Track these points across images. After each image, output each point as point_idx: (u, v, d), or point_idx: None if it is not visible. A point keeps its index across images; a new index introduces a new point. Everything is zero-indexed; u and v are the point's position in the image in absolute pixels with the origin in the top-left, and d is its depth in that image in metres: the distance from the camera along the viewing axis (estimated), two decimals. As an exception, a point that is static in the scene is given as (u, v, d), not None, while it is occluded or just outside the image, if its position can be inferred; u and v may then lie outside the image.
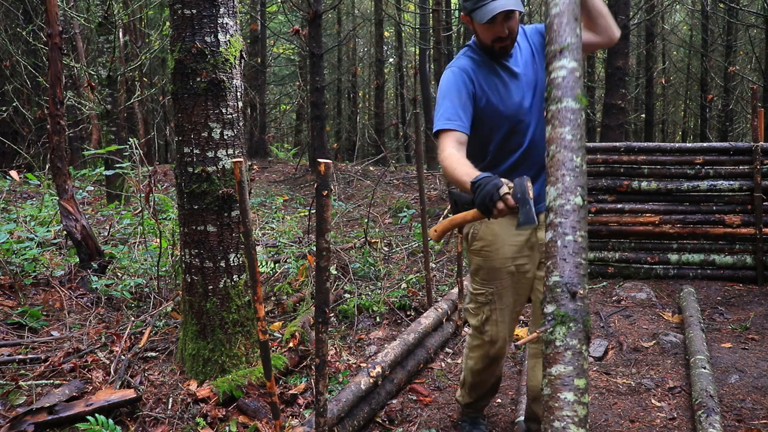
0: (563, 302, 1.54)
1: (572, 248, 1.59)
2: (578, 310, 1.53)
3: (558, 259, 1.59)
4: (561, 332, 1.51)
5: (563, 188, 1.64)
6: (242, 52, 3.07)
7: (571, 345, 1.50)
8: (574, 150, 1.68)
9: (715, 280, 4.93)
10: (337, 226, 7.08)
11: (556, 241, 1.61)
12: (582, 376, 1.48)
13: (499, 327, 2.44)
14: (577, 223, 1.61)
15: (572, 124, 1.68)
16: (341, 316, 4.23)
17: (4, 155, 10.84)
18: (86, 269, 4.19)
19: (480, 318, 2.47)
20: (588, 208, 1.52)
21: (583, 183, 1.66)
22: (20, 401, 2.69)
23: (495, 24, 2.16)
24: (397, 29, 17.29)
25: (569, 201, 1.63)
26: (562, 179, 1.65)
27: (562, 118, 1.70)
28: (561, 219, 1.62)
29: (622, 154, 5.19)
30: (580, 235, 1.61)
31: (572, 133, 1.68)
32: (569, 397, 1.45)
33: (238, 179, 2.11)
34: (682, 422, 2.84)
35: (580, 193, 1.64)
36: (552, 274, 1.59)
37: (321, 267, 1.88)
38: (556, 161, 1.67)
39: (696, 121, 17.64)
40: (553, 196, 1.65)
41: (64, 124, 4.22)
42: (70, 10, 8.67)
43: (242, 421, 2.76)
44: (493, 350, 2.49)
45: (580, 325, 1.52)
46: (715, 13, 13.54)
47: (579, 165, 1.67)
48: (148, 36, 12.46)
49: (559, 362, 1.49)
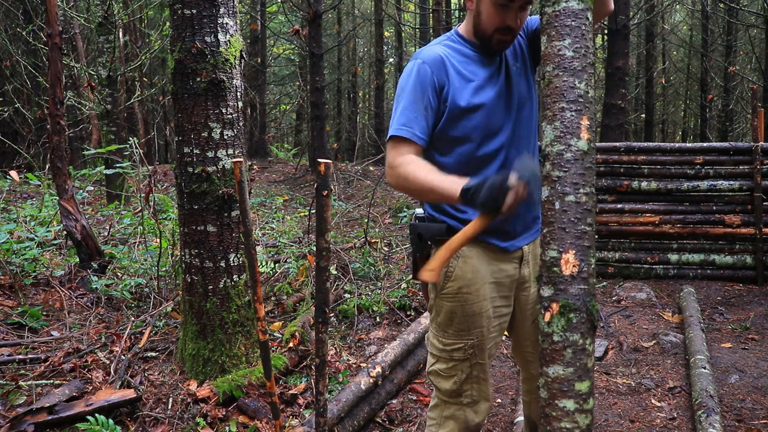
0: (562, 285, 1.22)
1: (574, 212, 1.23)
2: (581, 296, 1.21)
3: (556, 227, 1.24)
4: (560, 325, 1.22)
5: (562, 128, 1.24)
6: (242, 52, 3.07)
7: (572, 341, 1.21)
8: (576, 72, 1.25)
9: (715, 280, 4.93)
10: (337, 226, 7.08)
11: (553, 202, 1.25)
12: (585, 378, 1.22)
13: (482, 385, 1.96)
14: (580, 177, 1.23)
15: (574, 33, 1.26)
16: (341, 316, 4.23)
17: (4, 155, 10.84)
18: (86, 269, 4.19)
19: (457, 379, 1.96)
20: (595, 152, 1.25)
21: (590, 119, 1.26)
22: (20, 401, 2.69)
23: (510, 9, 1.75)
24: (397, 29, 17.28)
25: (570, 146, 1.24)
26: (560, 115, 1.25)
27: (560, 26, 1.26)
28: (559, 172, 1.24)
29: (622, 154, 5.18)
30: (584, 193, 1.23)
31: (574, 47, 1.26)
32: (569, 406, 1.21)
33: (238, 179, 2.11)
34: (682, 422, 2.84)
35: (585, 134, 1.24)
36: (549, 247, 1.25)
37: (321, 267, 1.88)
38: (554, 89, 1.26)
39: (696, 121, 17.63)
40: (550, 138, 1.26)
41: (64, 124, 4.22)
42: (70, 10, 8.67)
43: (242, 421, 2.76)
44: (473, 418, 1.97)
45: (583, 315, 1.21)
46: (715, 13, 13.53)
47: (583, 93, 1.25)
48: (148, 36, 12.46)
49: (558, 362, 1.22)
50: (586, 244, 1.22)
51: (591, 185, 1.24)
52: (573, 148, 1.23)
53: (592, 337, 1.23)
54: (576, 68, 1.25)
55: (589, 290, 1.22)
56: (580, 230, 1.22)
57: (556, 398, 1.22)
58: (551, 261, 1.24)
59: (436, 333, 1.98)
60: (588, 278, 1.22)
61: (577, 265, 1.21)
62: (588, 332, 1.22)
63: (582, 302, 1.21)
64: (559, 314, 1.22)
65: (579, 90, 1.24)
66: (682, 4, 14.48)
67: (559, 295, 1.22)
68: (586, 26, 1.26)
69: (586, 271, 1.22)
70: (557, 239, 1.23)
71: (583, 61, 1.25)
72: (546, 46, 1.29)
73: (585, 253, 1.22)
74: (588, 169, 1.23)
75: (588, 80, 1.25)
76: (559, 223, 1.23)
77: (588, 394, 1.22)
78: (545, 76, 1.29)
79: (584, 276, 1.22)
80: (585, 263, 1.22)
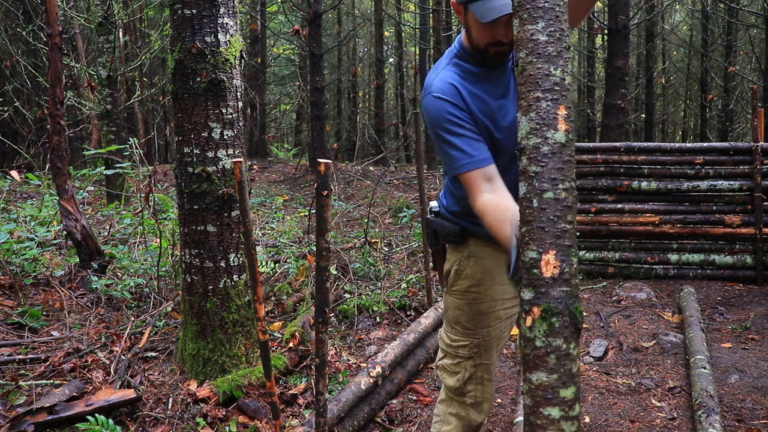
0: (542, 288, 1.16)
1: (553, 210, 1.16)
2: (563, 298, 1.16)
3: (534, 226, 1.17)
4: (542, 330, 1.16)
5: (538, 119, 1.17)
6: (242, 52, 3.07)
7: (555, 346, 1.16)
8: (551, 58, 1.17)
9: (715, 280, 4.93)
10: (337, 226, 7.08)
11: (531, 200, 1.18)
12: (570, 383, 1.17)
13: (485, 386, 2.01)
14: (558, 171, 1.16)
15: (548, 15, 1.17)
16: (341, 316, 4.23)
17: (4, 155, 10.84)
18: (86, 269, 4.19)
19: (461, 377, 2.01)
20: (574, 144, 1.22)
21: (567, 108, 1.18)
22: (20, 401, 2.69)
23: (497, 24, 1.73)
24: (397, 29, 17.29)
25: (547, 138, 1.16)
26: (536, 105, 1.17)
27: (532, 8, 1.18)
28: (536, 167, 1.17)
29: (622, 154, 5.18)
30: (563, 188, 1.17)
31: (548, 30, 1.17)
32: (554, 414, 1.16)
33: (238, 179, 2.11)
34: (682, 422, 2.84)
35: (562, 125, 1.16)
36: (528, 248, 1.18)
37: (321, 267, 1.88)
38: (527, 76, 1.18)
39: (696, 121, 17.64)
40: (525, 130, 1.19)
41: (64, 124, 4.23)
42: (70, 10, 8.67)
43: (242, 421, 2.76)
44: (476, 417, 2.04)
45: (566, 319, 1.16)
46: (715, 13, 13.53)
47: (560, 81, 1.17)
48: (148, 36, 12.46)
49: (541, 368, 1.17)
50: (567, 243, 1.17)
51: (570, 180, 1.17)
52: (550, 141, 1.16)
53: (576, 341, 1.18)
54: (551, 53, 1.16)
55: (571, 292, 1.17)
56: (560, 229, 1.16)
57: (541, 406, 1.17)
58: (531, 262, 1.18)
59: (445, 328, 2.05)
60: (570, 279, 1.17)
61: (558, 266, 1.16)
62: (571, 336, 1.17)
63: (564, 305, 1.16)
64: (540, 319, 1.17)
65: (555, 77, 1.16)
66: (682, 4, 14.48)
67: (540, 298, 1.17)
68: (560, 7, 1.18)
69: (568, 272, 1.16)
70: (536, 239, 1.17)
71: (558, 45, 1.17)
72: (518, 30, 1.19)
73: (566, 252, 1.16)
74: (567, 162, 1.17)
75: (564, 66, 1.18)
76: (537, 222, 1.17)
77: (573, 400, 1.17)
78: (518, 63, 1.21)
79: (566, 277, 1.16)
80: (566, 264, 1.16)
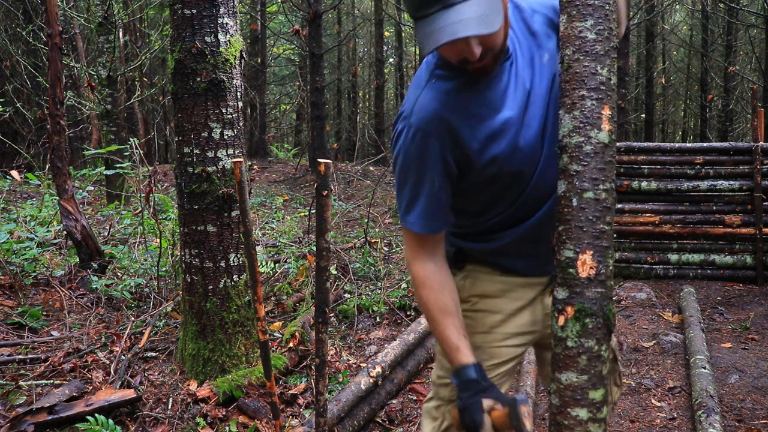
0: (578, 288, 1.16)
1: (593, 210, 1.15)
2: (598, 300, 1.15)
3: (572, 225, 1.16)
4: (574, 330, 1.16)
5: (582, 118, 1.15)
6: (242, 52, 3.07)
7: (587, 347, 1.16)
8: (598, 57, 1.16)
9: (715, 280, 4.93)
10: (337, 226, 7.08)
11: (570, 198, 1.16)
12: (600, 385, 1.17)
13: None
14: (599, 171, 1.15)
15: (597, 14, 1.16)
16: (341, 316, 4.23)
17: (4, 155, 10.83)
18: (86, 269, 4.19)
19: (437, 425, 1.66)
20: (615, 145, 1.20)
21: (612, 108, 1.17)
22: (20, 401, 2.69)
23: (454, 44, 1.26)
24: (397, 29, 17.28)
25: (590, 138, 1.15)
26: (580, 103, 1.16)
27: (582, 5, 1.16)
28: (578, 166, 1.15)
29: (622, 154, 5.18)
30: (604, 189, 1.15)
31: (597, 29, 1.16)
32: (582, 415, 1.16)
33: (238, 179, 2.11)
34: (682, 422, 2.84)
35: (606, 125, 1.15)
36: (565, 247, 1.17)
37: (321, 267, 1.88)
38: (573, 74, 1.17)
39: (696, 121, 17.64)
40: (568, 128, 1.17)
41: (64, 124, 4.22)
42: (70, 10, 8.67)
43: (242, 421, 2.76)
44: None
45: (599, 320, 1.15)
46: (715, 13, 13.53)
47: (606, 80, 1.16)
48: (148, 36, 12.46)
49: (571, 369, 1.17)
50: (604, 245, 1.16)
51: (611, 181, 1.16)
52: (593, 140, 1.15)
53: (608, 343, 1.18)
54: (598, 52, 1.16)
55: (606, 293, 1.16)
56: (599, 229, 1.15)
57: (569, 406, 1.17)
58: (567, 261, 1.17)
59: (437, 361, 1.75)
60: (605, 281, 1.16)
61: (595, 266, 1.16)
62: (604, 338, 1.17)
63: (599, 307, 1.16)
64: (574, 318, 1.16)
65: (601, 76, 1.16)
66: (682, 4, 14.48)
67: (574, 298, 1.16)
68: (610, 6, 1.16)
69: (604, 274, 1.16)
70: (574, 238, 1.16)
71: (606, 44, 1.16)
72: (566, 26, 1.18)
73: (603, 254, 1.16)
74: (608, 163, 1.16)
75: (611, 66, 1.17)
76: (576, 221, 1.16)
77: (602, 402, 1.17)
78: (564, 60, 1.19)
79: (602, 278, 1.16)
80: (603, 265, 1.15)
